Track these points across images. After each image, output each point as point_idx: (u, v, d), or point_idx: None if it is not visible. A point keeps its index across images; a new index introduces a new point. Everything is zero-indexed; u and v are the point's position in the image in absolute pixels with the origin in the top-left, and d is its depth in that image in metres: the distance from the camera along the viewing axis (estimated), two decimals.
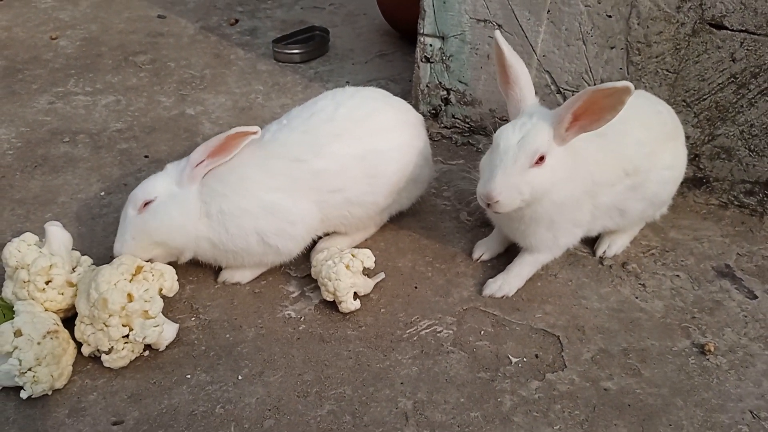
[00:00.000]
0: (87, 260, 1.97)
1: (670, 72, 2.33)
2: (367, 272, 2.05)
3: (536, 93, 2.56)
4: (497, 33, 1.93)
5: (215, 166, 1.96)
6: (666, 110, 2.15)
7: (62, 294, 1.85)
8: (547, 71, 2.52)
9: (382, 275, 2.10)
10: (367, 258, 2.01)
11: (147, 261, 1.92)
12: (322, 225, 2.11)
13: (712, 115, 2.33)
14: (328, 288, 1.96)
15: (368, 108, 2.13)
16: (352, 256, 1.99)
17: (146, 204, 1.93)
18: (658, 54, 2.32)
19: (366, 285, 2.03)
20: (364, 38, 3.83)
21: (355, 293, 1.99)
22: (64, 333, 1.77)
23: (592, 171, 1.95)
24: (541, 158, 1.82)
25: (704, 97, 2.31)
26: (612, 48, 2.38)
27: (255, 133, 1.96)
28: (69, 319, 1.87)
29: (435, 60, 2.73)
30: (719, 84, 2.27)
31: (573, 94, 2.50)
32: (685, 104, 2.35)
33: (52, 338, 1.70)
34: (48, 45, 3.61)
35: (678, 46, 2.27)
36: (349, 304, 1.97)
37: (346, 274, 1.95)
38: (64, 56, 3.49)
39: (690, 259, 2.22)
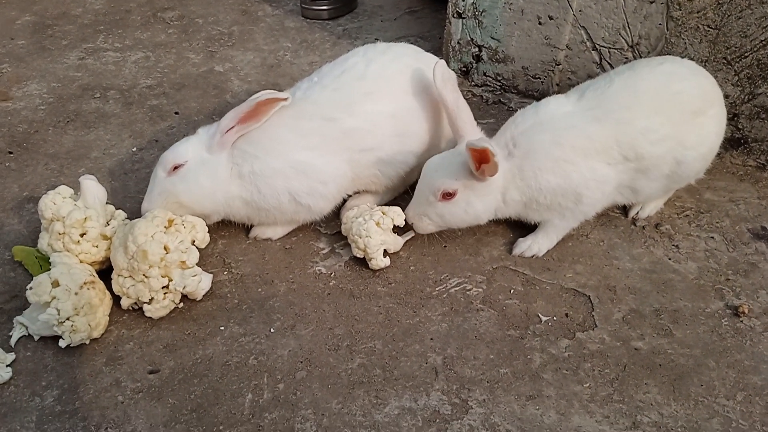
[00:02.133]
0: (121, 214, 2.00)
1: (711, 28, 2.25)
2: (397, 230, 2.05)
3: (572, 49, 2.53)
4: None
5: (245, 132, 1.95)
6: (691, 85, 1.99)
7: (96, 246, 1.89)
8: (583, 27, 2.46)
9: (411, 233, 2.10)
10: (398, 216, 2.01)
11: None
12: (353, 184, 2.11)
13: (753, 73, 2.26)
14: (358, 245, 1.96)
15: (400, 65, 2.09)
16: (383, 213, 1.99)
17: (176, 168, 1.94)
18: (699, 9, 2.24)
19: (396, 242, 2.04)
20: None
21: (384, 250, 1.99)
22: (100, 284, 1.80)
23: (570, 158, 1.92)
24: (448, 194, 1.91)
25: (746, 54, 2.24)
26: (651, 2, 2.30)
27: (285, 99, 1.93)
28: (102, 272, 1.90)
29: (467, 15, 2.68)
30: (762, 41, 2.19)
31: (609, 51, 2.44)
32: (725, 62, 2.28)
33: (89, 288, 1.73)
34: (77, 1, 3.60)
35: (720, 1, 2.19)
36: (379, 261, 1.97)
37: (377, 232, 1.95)
38: (93, 12, 3.49)
39: (725, 220, 2.18)
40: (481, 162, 1.83)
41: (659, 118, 1.93)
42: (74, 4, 3.56)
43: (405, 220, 2.02)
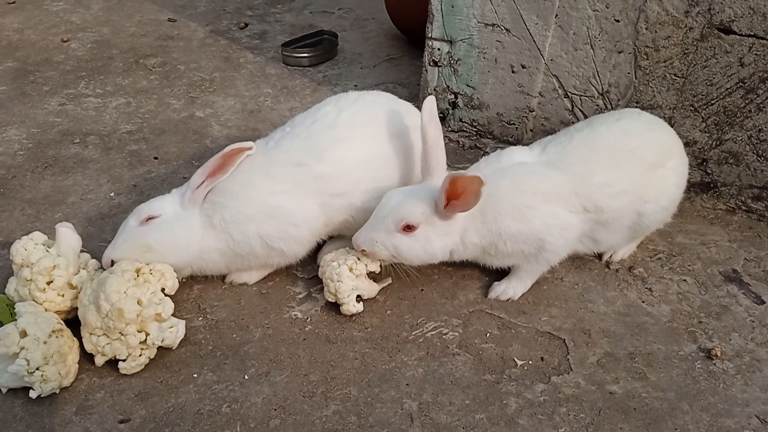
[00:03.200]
0: (94, 263, 1.98)
1: (677, 76, 2.33)
2: (374, 276, 2.05)
3: (544, 97, 2.60)
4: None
5: (215, 184, 1.96)
6: (648, 140, 2.04)
7: (62, 296, 1.86)
8: (555, 75, 2.53)
9: (389, 280, 2.10)
10: (373, 262, 2.01)
11: None
12: (326, 228, 2.11)
13: (720, 120, 2.32)
14: (329, 289, 1.97)
15: (372, 112, 2.13)
16: (358, 258, 1.99)
17: (150, 218, 1.95)
18: (666, 58, 2.32)
19: (371, 289, 2.04)
20: (373, 42, 3.84)
21: (358, 296, 1.99)
22: (68, 331, 1.78)
23: (531, 203, 1.94)
24: (409, 227, 1.89)
25: (712, 101, 2.31)
26: (620, 52, 2.38)
27: (250, 148, 1.96)
28: (67, 321, 1.86)
29: (443, 64, 2.74)
30: (727, 89, 2.27)
31: (580, 99, 2.52)
32: (692, 109, 2.35)
33: (57, 337, 1.71)
34: (59, 47, 3.64)
35: (686, 51, 2.28)
36: (351, 307, 1.97)
37: (348, 277, 1.95)
38: (75, 58, 3.53)
39: (697, 263, 2.21)
40: (451, 197, 1.83)
41: (617, 173, 1.97)
42: (57, 51, 3.60)
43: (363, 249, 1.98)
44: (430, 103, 2.02)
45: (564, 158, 1.99)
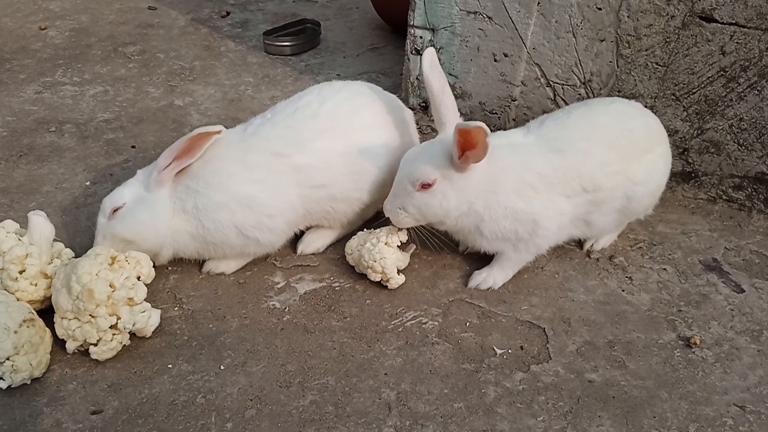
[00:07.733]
0: (68, 253, 1.94)
1: (659, 65, 2.32)
2: (401, 246, 2.06)
3: (527, 86, 2.58)
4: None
5: (182, 167, 1.92)
6: (641, 124, 2.07)
7: (35, 285, 1.82)
8: (537, 64, 2.51)
9: (413, 247, 2.10)
10: (401, 232, 2.02)
11: None
12: (305, 219, 2.09)
13: (701, 108, 2.32)
14: (375, 269, 1.97)
15: (354, 103, 2.10)
16: (386, 234, 2.01)
17: (115, 210, 1.92)
18: (647, 47, 2.31)
19: (405, 259, 2.06)
20: (356, 32, 3.81)
21: (396, 268, 2.01)
22: (39, 321, 1.74)
23: (535, 184, 1.94)
24: (427, 185, 1.88)
25: (693, 90, 2.30)
26: (602, 41, 2.37)
27: (218, 132, 1.91)
28: (41, 311, 1.83)
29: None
30: (709, 77, 2.26)
31: (563, 88, 2.50)
32: (674, 98, 2.34)
33: (28, 326, 1.67)
34: (37, 35, 3.58)
35: (668, 39, 2.27)
36: (398, 279, 2.00)
37: (389, 251, 1.97)
38: (53, 46, 3.47)
39: (677, 252, 2.21)
40: (465, 148, 1.80)
41: (613, 153, 1.98)
42: (34, 39, 3.53)
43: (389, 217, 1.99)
44: (429, 54, 2.02)
45: (564, 134, 1.99)
